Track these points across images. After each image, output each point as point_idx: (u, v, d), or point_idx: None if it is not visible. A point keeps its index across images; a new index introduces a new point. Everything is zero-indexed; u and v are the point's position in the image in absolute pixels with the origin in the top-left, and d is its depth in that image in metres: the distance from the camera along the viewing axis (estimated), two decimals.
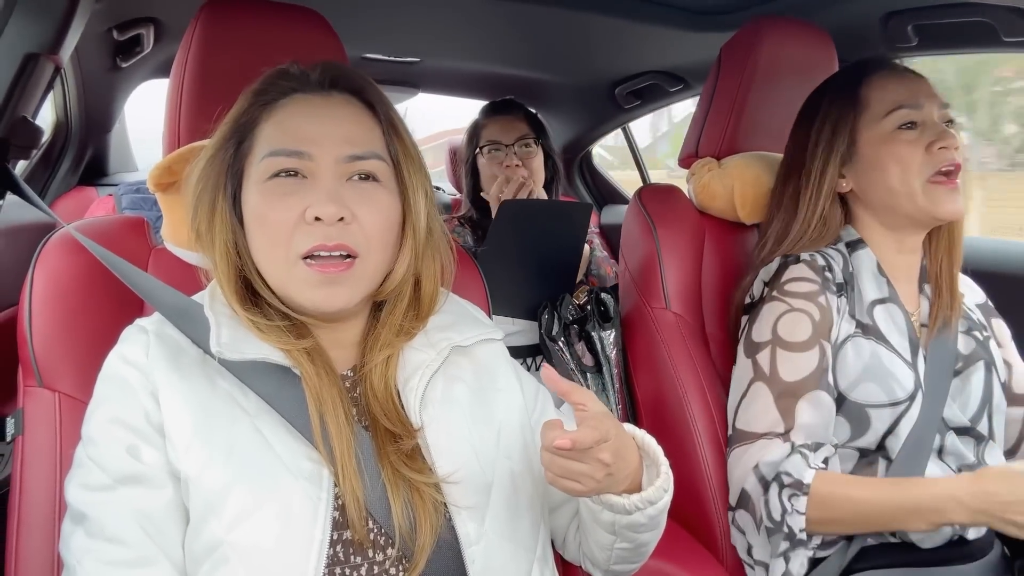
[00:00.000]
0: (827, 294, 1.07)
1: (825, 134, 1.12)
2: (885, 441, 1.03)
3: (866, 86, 1.10)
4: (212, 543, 0.67)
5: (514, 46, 2.00)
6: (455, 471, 0.75)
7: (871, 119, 1.09)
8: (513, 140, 1.84)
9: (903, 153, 1.06)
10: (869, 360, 1.05)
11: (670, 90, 2.14)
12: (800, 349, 1.05)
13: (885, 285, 1.10)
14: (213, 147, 0.78)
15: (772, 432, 1.03)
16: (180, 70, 0.97)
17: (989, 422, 1.08)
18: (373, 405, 0.77)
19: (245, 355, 0.72)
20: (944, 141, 1.04)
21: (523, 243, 1.50)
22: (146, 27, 1.72)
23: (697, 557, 1.10)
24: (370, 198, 0.75)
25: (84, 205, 1.91)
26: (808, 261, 1.10)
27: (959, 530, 1.01)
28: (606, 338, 1.38)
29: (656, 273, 1.29)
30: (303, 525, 0.68)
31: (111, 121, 2.14)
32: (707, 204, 1.35)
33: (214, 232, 0.76)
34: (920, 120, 1.07)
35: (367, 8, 1.63)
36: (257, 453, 0.71)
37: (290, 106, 0.77)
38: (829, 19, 1.39)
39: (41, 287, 0.88)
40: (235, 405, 0.73)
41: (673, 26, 1.67)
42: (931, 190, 1.05)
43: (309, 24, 1.03)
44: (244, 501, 0.68)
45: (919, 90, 1.08)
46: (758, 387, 1.07)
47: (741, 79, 1.30)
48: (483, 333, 0.87)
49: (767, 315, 1.09)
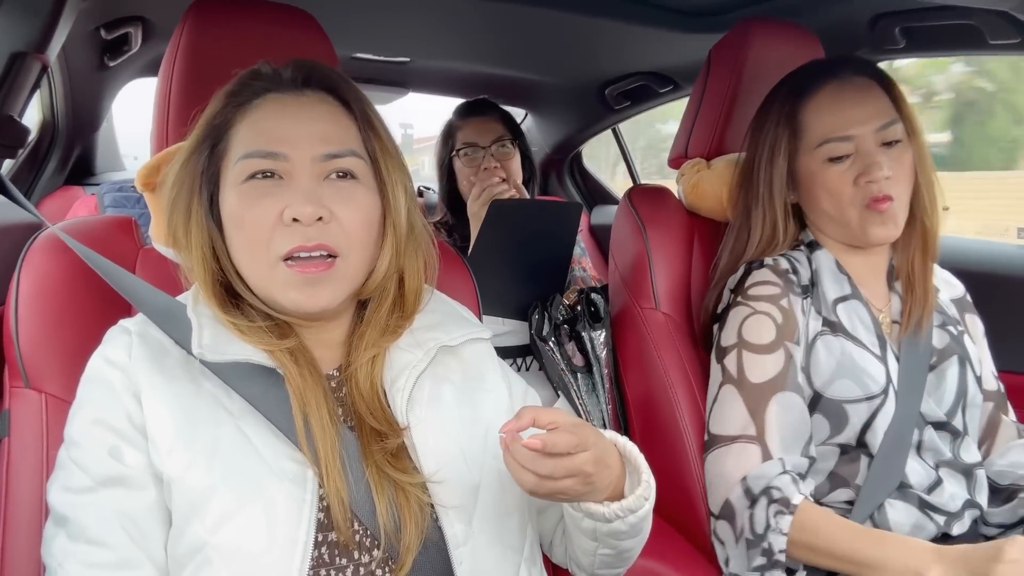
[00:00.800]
0: (790, 296, 1.09)
1: (766, 154, 1.13)
2: (864, 437, 1.04)
3: (802, 112, 1.11)
4: (195, 545, 0.67)
5: (504, 46, 2.00)
6: (439, 470, 0.75)
7: (805, 147, 1.11)
8: (490, 142, 1.78)
9: (831, 185, 1.08)
10: (841, 357, 1.06)
11: (660, 91, 2.15)
12: (765, 351, 1.06)
13: (846, 282, 1.12)
14: (187, 150, 0.77)
15: (744, 435, 1.04)
16: (168, 69, 0.96)
17: (963, 417, 1.09)
18: (359, 404, 0.76)
19: (227, 356, 0.72)
20: (870, 175, 1.04)
21: (513, 243, 1.50)
22: (134, 26, 1.71)
23: (687, 556, 1.10)
24: (348, 196, 0.74)
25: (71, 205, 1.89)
26: (771, 265, 1.12)
27: (943, 527, 1.02)
28: (596, 338, 1.38)
29: (646, 273, 1.29)
30: (287, 527, 0.68)
31: (98, 120, 2.13)
32: (696, 204, 1.36)
33: (190, 236, 0.75)
34: (849, 151, 1.07)
35: (357, 8, 1.62)
36: (241, 455, 0.70)
37: (264, 106, 0.76)
38: (817, 21, 1.40)
39: (27, 287, 0.87)
40: (219, 407, 0.72)
41: (663, 27, 1.67)
42: (864, 216, 1.07)
43: (298, 23, 1.02)
44: (227, 503, 0.68)
45: (851, 118, 1.07)
46: (727, 390, 1.08)
47: (730, 80, 1.30)
48: (470, 333, 0.86)
49: (732, 320, 1.11)
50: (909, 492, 1.03)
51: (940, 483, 1.04)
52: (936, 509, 1.02)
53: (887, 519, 1.01)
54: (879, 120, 1.06)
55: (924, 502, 1.02)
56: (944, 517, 1.02)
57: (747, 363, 1.07)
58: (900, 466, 1.03)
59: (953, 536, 1.03)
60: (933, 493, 1.03)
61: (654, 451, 1.30)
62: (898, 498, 1.02)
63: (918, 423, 1.05)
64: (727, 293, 1.17)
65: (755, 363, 1.06)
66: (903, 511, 1.02)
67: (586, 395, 1.39)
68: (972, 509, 1.05)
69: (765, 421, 1.03)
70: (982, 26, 1.30)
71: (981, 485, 1.08)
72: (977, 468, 1.08)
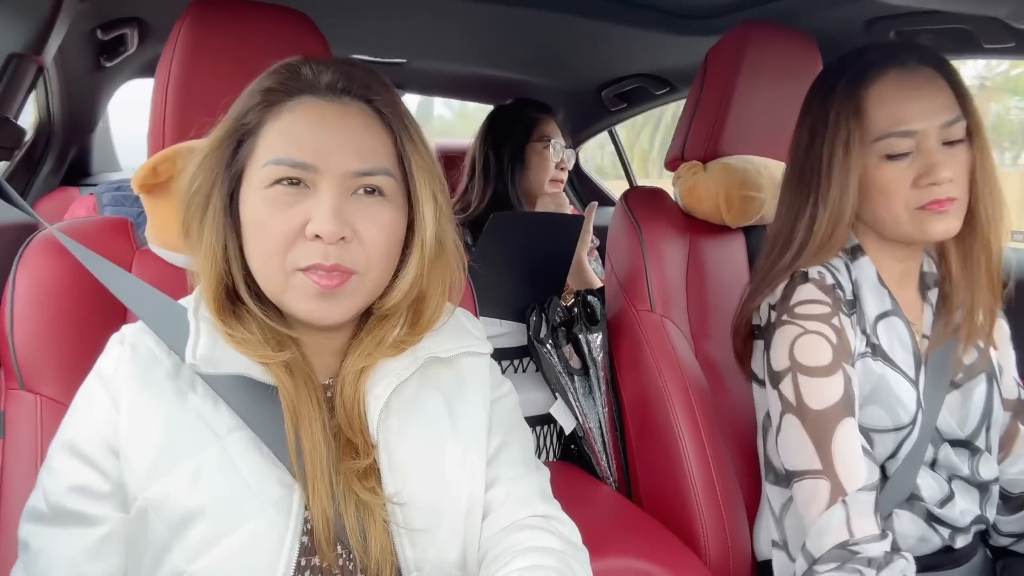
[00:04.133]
0: (840, 315, 0.99)
1: (840, 151, 1.00)
2: (884, 463, 1.01)
3: (865, 97, 0.99)
4: (174, 573, 0.66)
5: (501, 48, 2.00)
6: (400, 491, 0.72)
7: (863, 137, 0.99)
8: (566, 144, 1.89)
9: (887, 185, 0.98)
10: (878, 382, 1.00)
11: (656, 93, 2.15)
12: (823, 374, 0.96)
13: (887, 297, 1.04)
14: (212, 144, 0.73)
15: (811, 471, 0.95)
16: (165, 70, 0.96)
17: (987, 436, 1.05)
18: (340, 415, 0.74)
19: (220, 368, 0.70)
20: (933, 176, 0.95)
21: (514, 251, 1.50)
22: (131, 27, 1.70)
23: (681, 557, 1.10)
24: (374, 214, 0.71)
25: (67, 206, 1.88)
26: (817, 280, 1.01)
27: (948, 540, 1.02)
28: (593, 341, 1.38)
29: (641, 275, 1.30)
30: (267, 555, 0.66)
31: (94, 121, 2.12)
32: (693, 207, 1.36)
33: (203, 232, 0.72)
34: (909, 149, 0.97)
35: (354, 9, 1.62)
36: (224, 480, 0.68)
37: (298, 110, 0.71)
38: (814, 24, 1.40)
39: (23, 289, 0.86)
40: (204, 426, 0.70)
41: (660, 30, 1.68)
42: (919, 216, 0.97)
43: (295, 25, 1.02)
44: (206, 532, 0.66)
45: (915, 112, 0.96)
46: (788, 420, 0.98)
47: (726, 83, 1.30)
48: (465, 346, 0.82)
49: (781, 340, 1.01)
50: (918, 504, 1.00)
51: (952, 498, 1.01)
52: (943, 523, 1.00)
53: (894, 530, 0.99)
54: (944, 116, 0.96)
55: (932, 515, 1.00)
56: (949, 531, 1.01)
57: (804, 388, 0.97)
58: (911, 481, 1.00)
59: (956, 549, 1.02)
60: (944, 507, 1.00)
61: (649, 453, 1.32)
62: (906, 509, 1.00)
63: (934, 440, 1.01)
64: (766, 308, 1.06)
65: (813, 388, 0.96)
66: (909, 523, 1.00)
67: (583, 397, 1.39)
68: (979, 524, 1.03)
69: (832, 453, 0.94)
70: (976, 30, 1.31)
71: (994, 499, 1.05)
72: (994, 484, 1.04)
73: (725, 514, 1.16)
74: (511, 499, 0.77)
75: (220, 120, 0.74)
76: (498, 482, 0.78)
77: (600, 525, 1.16)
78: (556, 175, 1.86)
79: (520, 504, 0.77)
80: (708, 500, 1.14)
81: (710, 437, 1.19)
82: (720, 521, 1.16)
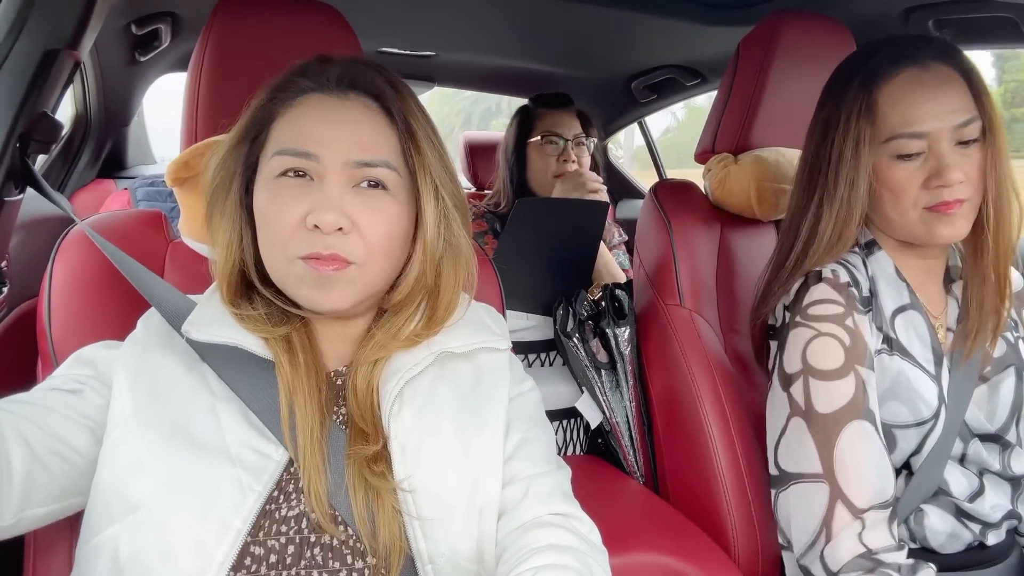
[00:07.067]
0: (854, 314, 0.98)
1: (850, 149, 1.00)
2: (910, 459, 1.00)
3: (878, 97, 0.98)
4: (133, 502, 0.67)
5: (530, 40, 1.99)
6: (410, 477, 0.72)
7: (874, 137, 0.99)
8: (571, 136, 1.85)
9: (896, 185, 0.98)
10: (896, 377, 0.99)
11: (687, 84, 2.13)
12: (833, 377, 0.95)
13: (904, 290, 1.03)
14: (232, 139, 0.78)
15: (810, 474, 0.94)
16: (197, 65, 0.97)
17: (1017, 429, 1.03)
18: (351, 404, 0.75)
19: (212, 338, 0.73)
20: (943, 178, 0.94)
21: (539, 240, 1.49)
22: (164, 21, 1.73)
23: (709, 554, 1.09)
24: (374, 207, 0.73)
25: (103, 198, 1.93)
26: (830, 279, 1.00)
27: (979, 536, 1.00)
28: (620, 335, 1.37)
29: (671, 270, 1.28)
30: (222, 510, 0.67)
31: (129, 115, 2.16)
32: (723, 200, 1.34)
33: (222, 223, 0.77)
34: (921, 149, 0.96)
35: (383, 3, 1.63)
36: (202, 428, 0.71)
37: (306, 104, 0.75)
38: (849, 13, 1.37)
39: (60, 281, 0.89)
40: (204, 384, 0.73)
41: (690, 20, 1.66)
42: (927, 217, 0.97)
43: (325, 18, 1.03)
44: (173, 469, 0.68)
45: (927, 112, 0.95)
46: (795, 423, 0.98)
47: (759, 74, 1.28)
48: (481, 341, 0.82)
49: (794, 342, 1.00)
50: (947, 500, 0.99)
51: (982, 492, 0.99)
52: (973, 518, 0.99)
53: (923, 526, 0.99)
54: (958, 117, 0.95)
55: (962, 511, 0.99)
56: (980, 526, 0.99)
57: (814, 391, 0.96)
58: (937, 475, 0.99)
59: (988, 546, 1.00)
60: (975, 502, 0.99)
61: (677, 448, 1.31)
62: (935, 504, 0.99)
63: (963, 435, 1.00)
64: (780, 309, 1.06)
65: (822, 391, 0.95)
66: (938, 518, 0.99)
67: (610, 391, 1.39)
68: (1011, 519, 1.01)
69: (835, 456, 0.93)
70: (1018, 18, 1.27)
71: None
72: None
73: (755, 511, 1.15)
74: (530, 496, 0.76)
75: (241, 116, 0.78)
76: (517, 479, 0.77)
77: (627, 520, 1.16)
78: (560, 169, 1.83)
79: (540, 501, 0.76)
80: (737, 497, 1.13)
81: (740, 433, 1.17)
82: (749, 518, 1.15)
